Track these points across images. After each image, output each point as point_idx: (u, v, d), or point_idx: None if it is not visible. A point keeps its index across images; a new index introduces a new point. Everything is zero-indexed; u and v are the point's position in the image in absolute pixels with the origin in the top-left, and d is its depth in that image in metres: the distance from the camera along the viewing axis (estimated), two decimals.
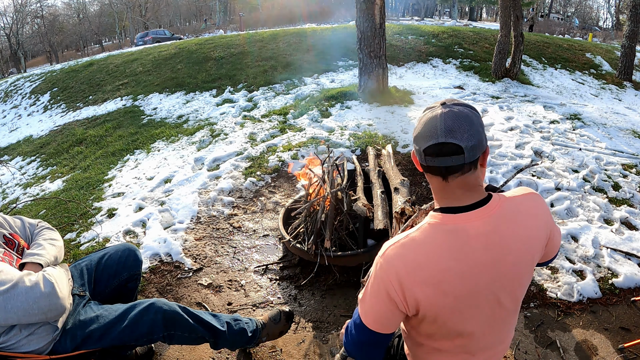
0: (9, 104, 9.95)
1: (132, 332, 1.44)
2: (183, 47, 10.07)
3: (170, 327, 1.50)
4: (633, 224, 2.91)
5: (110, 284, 1.73)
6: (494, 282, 0.90)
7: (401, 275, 0.88)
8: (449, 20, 29.05)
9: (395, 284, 0.88)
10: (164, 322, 1.48)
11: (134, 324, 1.45)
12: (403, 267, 0.88)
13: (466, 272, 0.87)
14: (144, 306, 1.49)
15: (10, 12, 33.65)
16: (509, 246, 0.89)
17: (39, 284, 1.31)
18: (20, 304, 1.25)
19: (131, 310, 1.48)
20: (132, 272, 1.79)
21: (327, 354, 1.95)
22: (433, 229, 0.90)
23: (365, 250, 2.38)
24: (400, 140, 4.29)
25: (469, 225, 0.88)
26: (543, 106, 5.56)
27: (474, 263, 0.87)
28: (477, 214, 0.89)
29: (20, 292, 1.26)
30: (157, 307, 1.49)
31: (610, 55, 10.24)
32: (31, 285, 1.29)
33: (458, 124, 0.85)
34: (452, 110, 0.87)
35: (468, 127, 0.85)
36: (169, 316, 1.50)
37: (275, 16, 32.54)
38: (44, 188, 4.43)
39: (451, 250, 0.87)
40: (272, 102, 6.35)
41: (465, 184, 0.89)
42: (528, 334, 2.04)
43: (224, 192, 3.51)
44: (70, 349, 1.39)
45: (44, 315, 1.30)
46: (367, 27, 5.35)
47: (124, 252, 1.78)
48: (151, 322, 1.46)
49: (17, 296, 1.25)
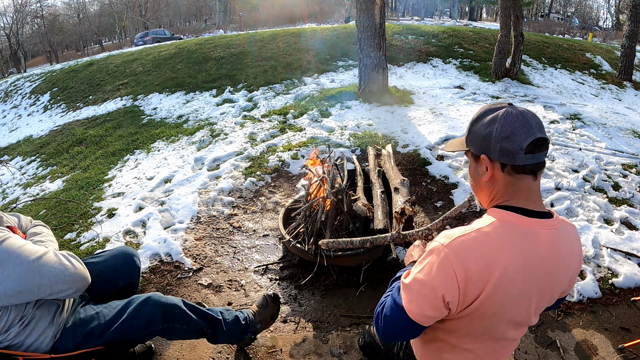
0: (9, 104, 9.95)
1: (131, 326, 1.45)
2: (183, 47, 10.07)
3: (169, 319, 1.50)
4: (633, 224, 2.91)
5: (106, 292, 1.67)
6: (541, 292, 0.92)
7: (471, 271, 0.85)
8: (449, 20, 29.05)
9: (461, 279, 0.85)
10: (162, 314, 1.49)
11: (133, 317, 1.45)
12: (474, 262, 0.85)
13: (528, 276, 0.88)
14: (142, 299, 1.50)
15: (10, 12, 33.67)
16: (560, 264, 0.91)
17: (66, 256, 1.35)
18: (54, 270, 1.28)
19: (130, 305, 1.49)
20: (129, 280, 1.74)
21: (327, 354, 1.95)
22: (506, 227, 0.88)
23: (365, 251, 2.38)
24: (400, 140, 4.29)
25: (541, 232, 0.89)
26: (543, 106, 5.56)
27: (538, 268, 0.88)
28: (546, 223, 0.90)
29: (52, 259, 1.30)
30: (155, 300, 1.50)
31: (610, 55, 10.24)
32: (61, 256, 1.34)
33: (539, 121, 0.88)
34: (524, 108, 0.90)
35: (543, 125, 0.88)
36: (167, 308, 1.50)
37: (275, 16, 32.53)
38: (44, 188, 4.43)
39: (524, 252, 0.87)
40: (272, 102, 6.35)
41: (540, 184, 0.92)
42: (528, 334, 2.04)
43: (224, 192, 3.51)
44: (71, 347, 1.39)
45: (75, 285, 1.34)
46: (367, 27, 5.35)
47: (119, 259, 1.71)
48: (150, 315, 1.47)
49: (50, 262, 1.28)
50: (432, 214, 3.10)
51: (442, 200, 3.24)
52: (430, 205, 3.21)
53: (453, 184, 3.40)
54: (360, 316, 2.18)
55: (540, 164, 0.88)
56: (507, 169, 0.89)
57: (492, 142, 0.88)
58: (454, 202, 3.19)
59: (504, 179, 0.91)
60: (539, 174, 0.90)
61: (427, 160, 3.79)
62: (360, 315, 2.18)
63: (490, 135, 0.88)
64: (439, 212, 3.11)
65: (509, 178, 0.90)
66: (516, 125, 0.86)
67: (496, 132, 0.88)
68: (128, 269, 1.73)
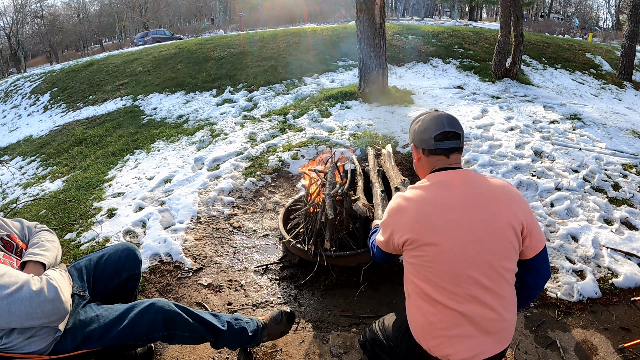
0: (9, 104, 9.95)
1: (131, 332, 1.44)
2: (183, 47, 10.07)
3: (170, 327, 1.50)
4: (633, 224, 2.91)
5: (110, 284, 1.72)
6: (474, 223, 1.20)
7: (408, 213, 1.25)
8: (449, 20, 29.04)
9: (405, 220, 1.26)
10: (164, 322, 1.48)
11: (133, 324, 1.45)
12: (414, 211, 1.24)
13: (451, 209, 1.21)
14: (144, 306, 1.49)
15: (10, 12, 33.65)
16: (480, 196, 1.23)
17: (43, 289, 1.30)
18: (24, 307, 1.25)
19: (131, 310, 1.48)
20: (132, 272, 1.79)
21: (327, 354, 1.95)
22: (431, 181, 1.29)
23: (365, 250, 2.38)
24: (400, 140, 4.29)
25: (455, 177, 1.27)
26: (543, 106, 5.56)
27: (458, 202, 1.22)
28: (458, 172, 1.29)
29: (24, 296, 1.26)
30: (158, 307, 1.49)
31: (610, 55, 10.24)
32: (36, 290, 1.28)
33: (454, 121, 1.32)
34: (444, 112, 1.33)
35: (459, 124, 1.33)
36: (169, 316, 1.50)
37: (275, 16, 32.51)
38: (44, 188, 4.43)
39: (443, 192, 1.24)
40: (272, 102, 6.35)
41: (458, 159, 1.33)
42: (528, 334, 2.04)
43: (224, 192, 3.51)
44: (70, 348, 1.39)
45: (47, 319, 1.30)
46: (367, 27, 5.35)
47: (123, 252, 1.77)
48: (151, 322, 1.46)
49: (22, 300, 1.25)
50: None
51: None
52: None
53: None
54: (360, 316, 2.18)
55: (449, 149, 1.30)
56: (426, 152, 1.33)
57: (415, 135, 1.35)
58: None
59: (426, 159, 1.34)
60: (452, 155, 1.31)
61: None
62: (360, 315, 2.18)
63: (415, 130, 1.36)
64: None
65: (428, 158, 1.33)
66: (430, 123, 1.31)
67: (418, 128, 1.34)
68: (131, 262, 1.78)
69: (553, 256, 2.58)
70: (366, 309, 2.22)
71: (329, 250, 2.31)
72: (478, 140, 4.19)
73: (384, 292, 2.35)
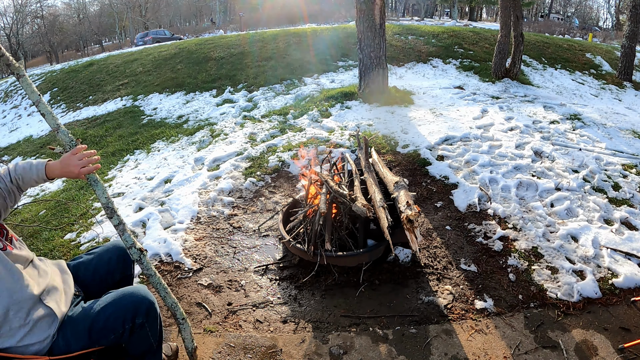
0: (9, 104, 9.95)
1: (116, 315, 1.42)
2: (183, 47, 10.07)
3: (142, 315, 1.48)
4: (633, 224, 2.91)
5: (103, 287, 1.66)
6: None
7: None
8: (449, 21, 29.03)
9: None
10: (146, 308, 1.47)
11: (117, 306, 1.44)
12: None
13: None
14: (129, 289, 1.49)
15: (10, 12, 33.64)
16: None
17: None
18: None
19: (114, 295, 1.48)
20: (125, 272, 1.75)
21: (327, 354, 1.95)
22: None
23: (365, 250, 2.38)
24: (400, 141, 4.29)
25: None
26: (543, 106, 5.56)
27: None
28: None
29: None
30: (140, 290, 1.50)
31: (610, 55, 10.24)
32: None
33: None
34: None
35: None
36: (148, 301, 1.48)
37: (276, 16, 32.50)
38: (44, 188, 4.43)
39: None
40: (272, 102, 6.35)
41: None
42: (528, 334, 2.04)
43: (224, 192, 3.51)
44: (62, 346, 1.38)
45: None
46: (367, 27, 5.35)
47: (113, 253, 1.71)
48: (137, 303, 1.45)
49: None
50: (432, 214, 3.10)
51: (442, 200, 3.24)
52: (430, 205, 3.21)
53: (453, 184, 3.40)
54: (360, 316, 2.18)
55: None
56: None
57: None
58: (454, 202, 3.19)
59: None
60: None
61: (427, 160, 3.79)
62: (360, 316, 2.18)
63: None
64: (439, 212, 3.12)
65: None
66: None
67: None
68: (123, 262, 1.73)
69: (553, 256, 2.58)
70: (366, 309, 2.22)
71: (329, 251, 2.32)
72: (478, 140, 4.19)
73: (384, 292, 2.35)
